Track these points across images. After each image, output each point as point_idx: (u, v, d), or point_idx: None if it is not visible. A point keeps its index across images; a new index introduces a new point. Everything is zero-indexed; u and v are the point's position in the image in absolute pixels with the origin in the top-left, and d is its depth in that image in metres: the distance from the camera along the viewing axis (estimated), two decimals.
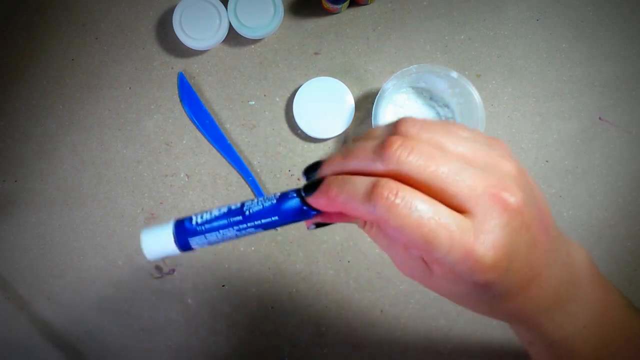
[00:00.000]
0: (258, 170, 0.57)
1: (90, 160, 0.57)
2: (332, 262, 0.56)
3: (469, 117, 0.53)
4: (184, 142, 0.57)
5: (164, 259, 0.29)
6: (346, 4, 0.54)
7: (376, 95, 0.52)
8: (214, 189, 0.56)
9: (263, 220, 0.29)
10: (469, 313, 0.54)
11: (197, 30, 0.55)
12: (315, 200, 0.26)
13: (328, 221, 0.29)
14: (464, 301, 0.27)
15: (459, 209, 0.23)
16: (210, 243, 0.29)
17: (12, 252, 0.56)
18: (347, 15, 0.57)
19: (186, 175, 0.57)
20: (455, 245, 0.22)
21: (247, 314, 0.56)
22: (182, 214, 0.56)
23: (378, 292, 0.55)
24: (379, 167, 0.24)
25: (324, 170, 0.27)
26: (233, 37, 0.57)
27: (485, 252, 0.22)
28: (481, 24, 0.57)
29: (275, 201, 0.28)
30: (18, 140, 0.57)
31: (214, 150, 0.57)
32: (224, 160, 0.57)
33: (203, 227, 0.29)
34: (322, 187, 0.26)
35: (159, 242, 0.29)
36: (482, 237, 0.22)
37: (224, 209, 0.29)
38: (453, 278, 0.24)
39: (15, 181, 0.57)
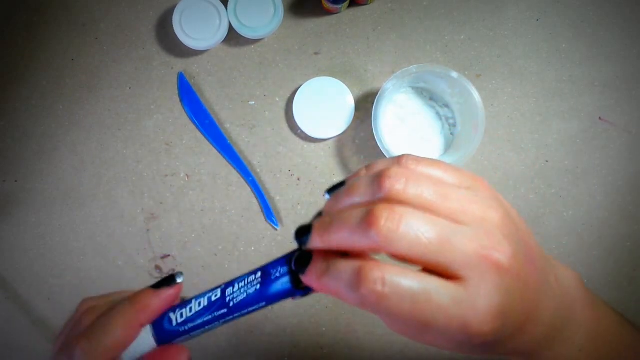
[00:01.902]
0: (258, 170, 0.57)
1: (90, 160, 0.57)
2: None
3: (469, 117, 0.53)
4: (184, 142, 0.57)
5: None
6: (346, 4, 0.54)
7: (376, 95, 0.52)
8: (214, 189, 0.56)
9: (250, 308, 0.27)
10: None
11: (197, 30, 0.55)
12: (307, 280, 0.25)
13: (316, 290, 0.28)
14: (458, 352, 0.26)
15: (452, 276, 0.23)
16: (193, 337, 0.28)
17: (12, 252, 0.56)
18: (347, 15, 0.57)
19: (186, 175, 0.57)
20: (452, 320, 0.22)
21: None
22: (182, 214, 0.56)
23: None
24: (365, 243, 0.23)
25: (313, 242, 0.25)
26: (233, 37, 0.57)
27: (483, 321, 0.22)
28: (481, 24, 0.57)
29: (259, 286, 0.26)
30: (18, 140, 0.57)
31: (214, 150, 0.57)
32: (224, 160, 0.57)
33: (186, 327, 0.27)
34: (311, 270, 0.25)
35: (138, 345, 0.27)
36: (477, 305, 0.22)
37: (205, 301, 0.27)
38: (450, 343, 0.24)
39: (15, 181, 0.57)
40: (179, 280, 0.28)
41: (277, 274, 0.26)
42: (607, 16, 0.57)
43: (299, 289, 0.26)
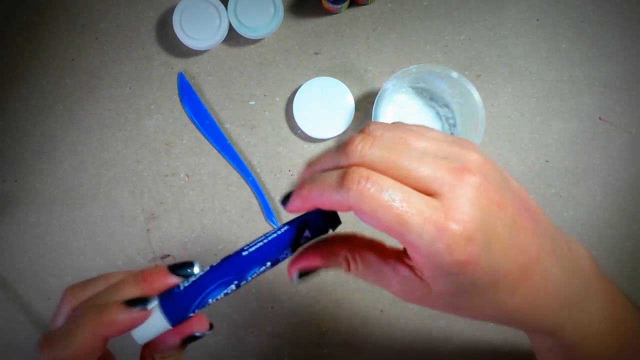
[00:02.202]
0: (258, 170, 0.57)
1: (90, 160, 0.57)
2: None
3: (469, 117, 0.53)
4: (184, 142, 0.57)
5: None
6: (346, 4, 0.54)
7: (376, 95, 0.52)
8: (214, 189, 0.56)
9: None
10: None
11: (197, 30, 0.55)
12: (292, 204, 0.27)
13: (310, 265, 0.29)
14: (469, 303, 0.26)
15: (427, 193, 0.24)
16: None
17: (12, 252, 0.56)
18: (347, 15, 0.57)
19: (186, 175, 0.57)
20: (427, 223, 0.23)
21: (247, 314, 0.56)
22: (182, 214, 0.56)
23: (378, 292, 0.55)
24: (343, 162, 0.25)
25: (298, 184, 0.28)
26: (233, 37, 0.57)
27: (457, 225, 0.23)
28: (481, 24, 0.57)
29: (270, 267, 0.29)
30: (18, 140, 0.57)
31: (214, 150, 0.57)
32: (224, 160, 0.57)
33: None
34: (295, 190, 0.27)
35: (152, 327, 0.28)
36: (451, 212, 0.23)
37: (221, 296, 0.29)
38: (441, 271, 0.24)
39: (15, 181, 0.57)
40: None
41: (284, 256, 0.29)
42: (607, 16, 0.57)
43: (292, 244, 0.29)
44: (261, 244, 0.29)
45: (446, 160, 0.24)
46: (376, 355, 0.55)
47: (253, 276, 0.29)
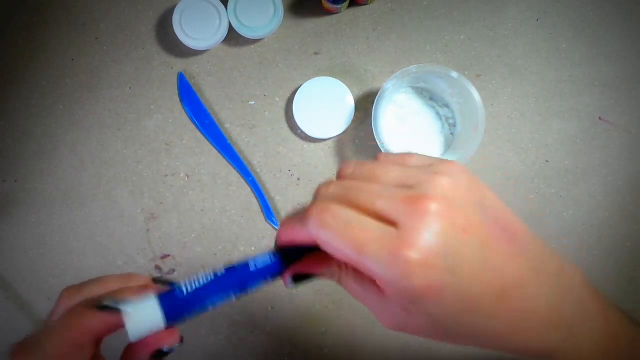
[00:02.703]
0: (258, 170, 0.57)
1: (90, 160, 0.57)
2: None
3: (469, 117, 0.53)
4: (184, 142, 0.57)
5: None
6: (346, 4, 0.54)
7: (376, 95, 0.52)
8: (214, 189, 0.56)
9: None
10: None
11: (197, 30, 0.55)
12: (279, 241, 0.29)
13: (305, 270, 0.30)
14: (450, 330, 0.26)
15: (388, 223, 0.24)
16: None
17: (12, 252, 0.56)
18: (347, 15, 0.57)
19: (186, 175, 0.57)
20: (383, 251, 0.23)
21: (247, 314, 0.56)
22: (182, 214, 0.56)
23: None
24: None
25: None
26: (233, 37, 0.57)
27: (411, 251, 0.23)
28: (481, 24, 0.57)
29: (270, 281, 0.30)
30: (18, 140, 0.57)
31: (214, 150, 0.57)
32: (224, 160, 0.57)
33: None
34: (279, 231, 0.29)
35: (147, 324, 0.28)
36: (407, 239, 0.23)
37: (220, 303, 0.29)
38: (404, 298, 0.24)
39: (15, 181, 0.57)
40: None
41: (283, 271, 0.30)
42: (607, 16, 0.57)
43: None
44: (269, 262, 0.29)
45: (407, 189, 0.25)
46: (376, 355, 0.55)
47: (254, 289, 0.29)
